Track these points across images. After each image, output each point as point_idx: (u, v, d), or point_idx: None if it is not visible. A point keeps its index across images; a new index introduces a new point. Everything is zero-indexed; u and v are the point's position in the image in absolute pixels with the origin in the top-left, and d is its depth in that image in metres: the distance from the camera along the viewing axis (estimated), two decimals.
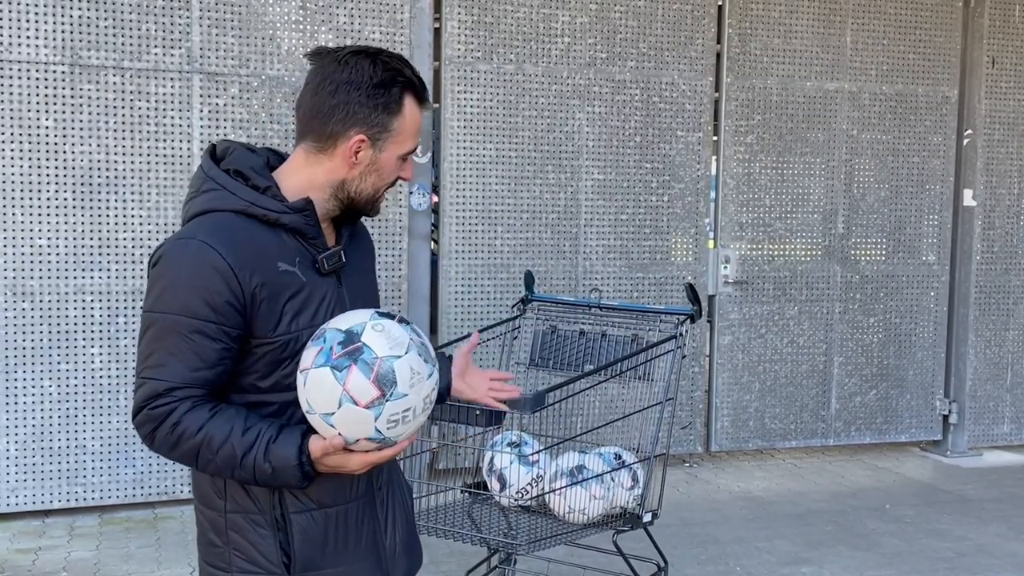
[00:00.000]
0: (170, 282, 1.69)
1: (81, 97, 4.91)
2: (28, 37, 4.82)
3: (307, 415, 1.66)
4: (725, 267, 6.17)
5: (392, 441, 1.66)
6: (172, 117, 5.05)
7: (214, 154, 1.84)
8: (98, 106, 4.94)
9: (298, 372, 1.68)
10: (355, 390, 1.59)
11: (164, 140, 5.05)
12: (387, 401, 1.60)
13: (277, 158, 1.88)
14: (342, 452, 1.67)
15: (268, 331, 1.73)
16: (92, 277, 4.97)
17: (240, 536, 1.79)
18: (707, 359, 6.28)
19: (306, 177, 1.82)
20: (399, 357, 1.61)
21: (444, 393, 2.00)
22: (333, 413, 1.61)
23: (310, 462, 1.68)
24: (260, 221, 1.75)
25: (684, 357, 3.67)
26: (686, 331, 3.62)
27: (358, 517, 1.84)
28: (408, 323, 1.69)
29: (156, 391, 1.70)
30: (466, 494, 3.67)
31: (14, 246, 4.85)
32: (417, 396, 1.62)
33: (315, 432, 1.69)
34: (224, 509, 1.80)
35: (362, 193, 1.85)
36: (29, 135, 4.85)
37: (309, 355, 1.65)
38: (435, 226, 5.87)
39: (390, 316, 1.68)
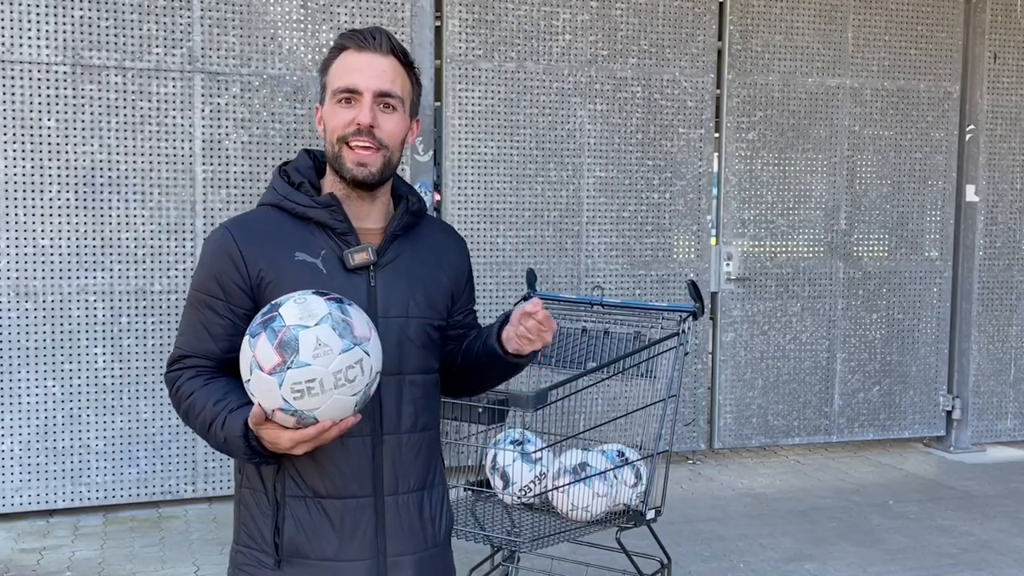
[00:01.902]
0: (199, 262, 1.85)
1: (83, 97, 4.91)
2: (30, 38, 4.83)
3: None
4: (727, 264, 6.16)
5: (308, 416, 1.62)
6: (174, 117, 5.06)
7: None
8: (100, 106, 4.94)
9: None
10: (261, 356, 1.61)
11: (166, 140, 5.05)
12: (288, 369, 1.59)
13: None
14: (274, 427, 1.66)
15: None
16: (95, 277, 4.98)
17: (247, 510, 1.85)
18: (710, 356, 6.28)
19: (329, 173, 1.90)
20: (307, 327, 1.60)
21: (495, 349, 1.88)
22: (249, 380, 1.64)
23: (256, 436, 1.69)
24: (290, 214, 1.84)
25: (686, 354, 3.67)
26: (688, 328, 3.62)
27: (356, 516, 1.81)
28: (342, 302, 1.66)
29: (173, 357, 1.86)
30: (469, 492, 3.67)
31: (17, 247, 4.86)
32: (323, 368, 1.59)
33: None
34: (240, 483, 1.88)
35: (329, 155, 1.84)
36: (31, 136, 4.86)
37: None
38: None
39: (323, 294, 1.67)
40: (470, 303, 2.03)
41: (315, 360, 1.59)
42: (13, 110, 4.82)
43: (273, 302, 1.67)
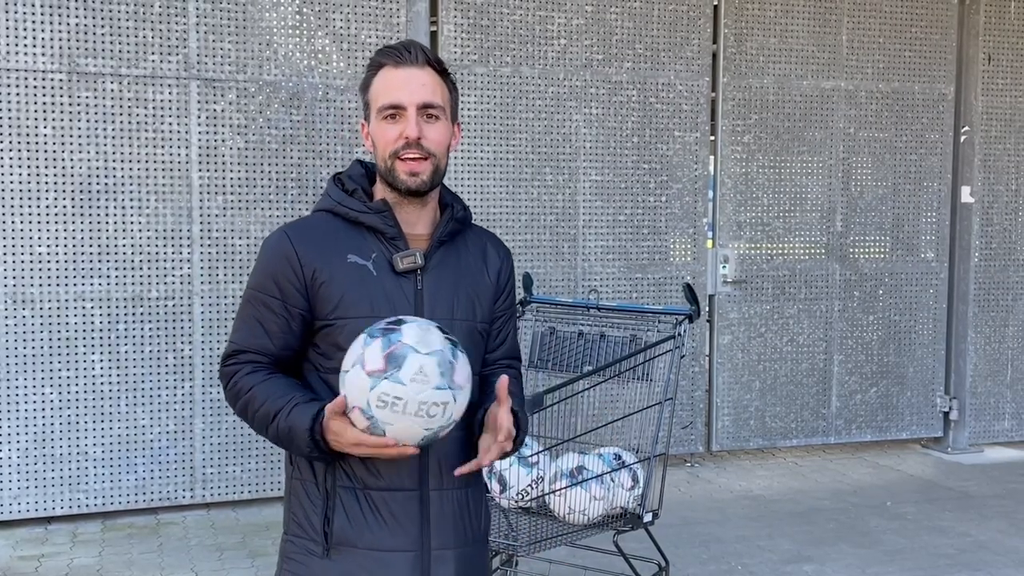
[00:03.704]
0: (257, 263, 1.95)
1: (79, 104, 4.92)
2: (26, 45, 4.83)
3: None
4: (724, 267, 6.17)
5: (379, 428, 1.72)
6: (170, 123, 5.06)
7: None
8: (96, 113, 4.95)
9: None
10: (369, 356, 1.71)
11: (162, 146, 5.06)
12: (385, 378, 1.69)
13: None
14: (345, 421, 1.75)
15: (326, 313, 1.88)
16: (92, 284, 4.98)
17: (297, 501, 1.93)
18: (707, 359, 6.29)
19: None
20: (417, 352, 1.70)
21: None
22: (347, 371, 1.74)
23: (322, 432, 1.78)
24: (344, 219, 1.94)
25: (683, 357, 3.68)
26: (685, 331, 3.63)
27: (402, 507, 1.88)
28: (456, 346, 1.76)
29: (228, 351, 1.94)
30: None
31: (14, 254, 4.86)
32: (414, 393, 1.69)
33: None
34: (291, 475, 1.96)
35: (382, 170, 1.93)
36: (28, 143, 4.86)
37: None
38: None
39: (444, 332, 1.77)
40: (508, 308, 2.09)
41: (410, 383, 1.69)
42: (9, 118, 4.83)
43: (402, 317, 1.78)
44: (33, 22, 4.84)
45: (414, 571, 1.89)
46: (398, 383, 1.69)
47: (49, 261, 4.92)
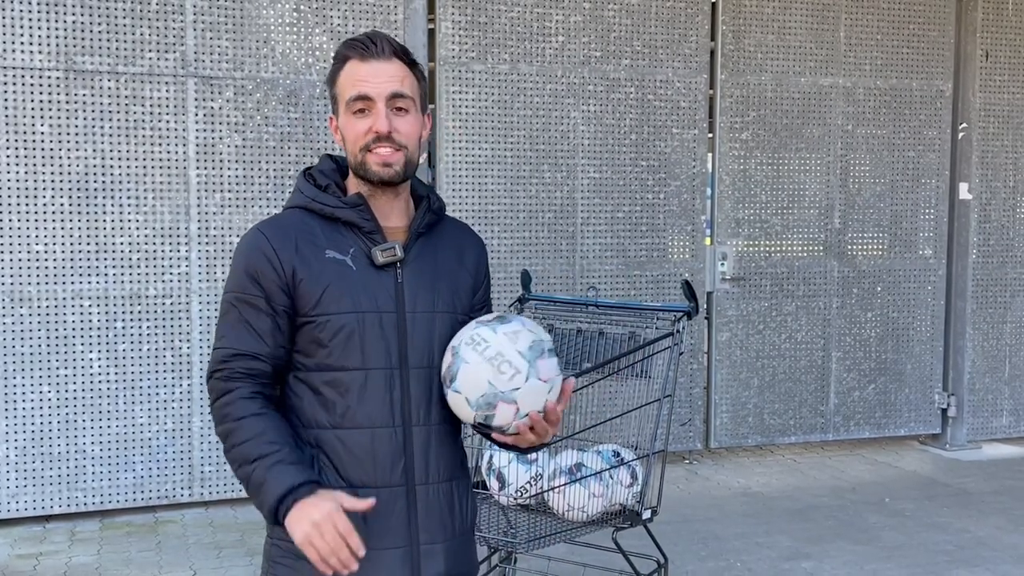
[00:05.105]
0: (234, 265, 1.93)
1: (76, 102, 4.91)
2: (23, 43, 4.82)
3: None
4: (722, 264, 6.17)
5: (457, 364, 1.83)
6: (167, 121, 5.06)
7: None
8: (93, 111, 4.94)
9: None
10: (487, 315, 1.93)
11: (159, 144, 5.05)
12: (485, 325, 1.85)
13: None
14: (313, 517, 1.73)
15: (308, 309, 1.86)
16: (89, 282, 4.97)
17: None
18: (706, 356, 6.29)
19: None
20: (523, 325, 1.86)
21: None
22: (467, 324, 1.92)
23: (288, 509, 1.76)
24: (319, 215, 1.92)
25: (681, 354, 3.68)
26: (683, 328, 3.63)
27: (389, 505, 1.88)
28: (557, 358, 1.91)
29: (219, 358, 1.89)
30: None
31: (11, 252, 4.86)
32: (498, 343, 1.81)
33: (326, 491, 1.79)
34: None
35: (352, 163, 1.92)
36: (25, 141, 4.85)
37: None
38: None
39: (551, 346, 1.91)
40: (486, 300, 2.10)
41: (502, 335, 1.82)
42: (6, 115, 4.82)
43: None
44: (30, 20, 4.82)
45: (404, 567, 1.88)
46: (492, 331, 1.81)
47: (46, 259, 4.91)
